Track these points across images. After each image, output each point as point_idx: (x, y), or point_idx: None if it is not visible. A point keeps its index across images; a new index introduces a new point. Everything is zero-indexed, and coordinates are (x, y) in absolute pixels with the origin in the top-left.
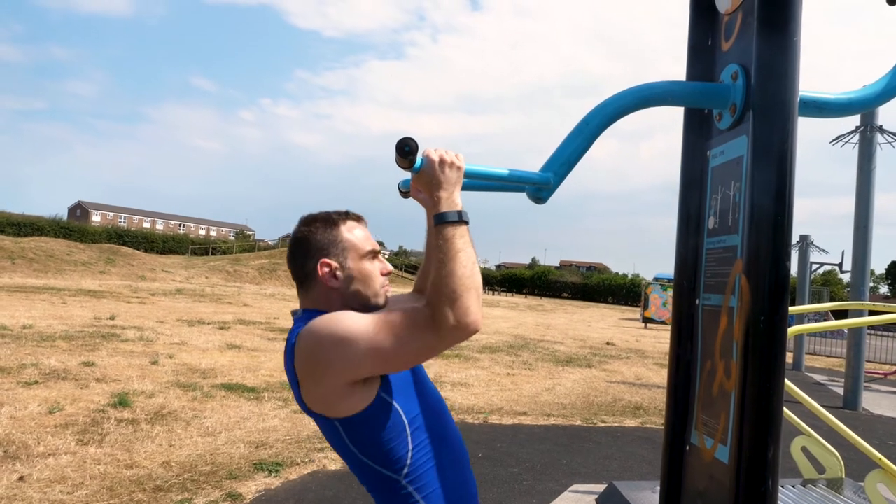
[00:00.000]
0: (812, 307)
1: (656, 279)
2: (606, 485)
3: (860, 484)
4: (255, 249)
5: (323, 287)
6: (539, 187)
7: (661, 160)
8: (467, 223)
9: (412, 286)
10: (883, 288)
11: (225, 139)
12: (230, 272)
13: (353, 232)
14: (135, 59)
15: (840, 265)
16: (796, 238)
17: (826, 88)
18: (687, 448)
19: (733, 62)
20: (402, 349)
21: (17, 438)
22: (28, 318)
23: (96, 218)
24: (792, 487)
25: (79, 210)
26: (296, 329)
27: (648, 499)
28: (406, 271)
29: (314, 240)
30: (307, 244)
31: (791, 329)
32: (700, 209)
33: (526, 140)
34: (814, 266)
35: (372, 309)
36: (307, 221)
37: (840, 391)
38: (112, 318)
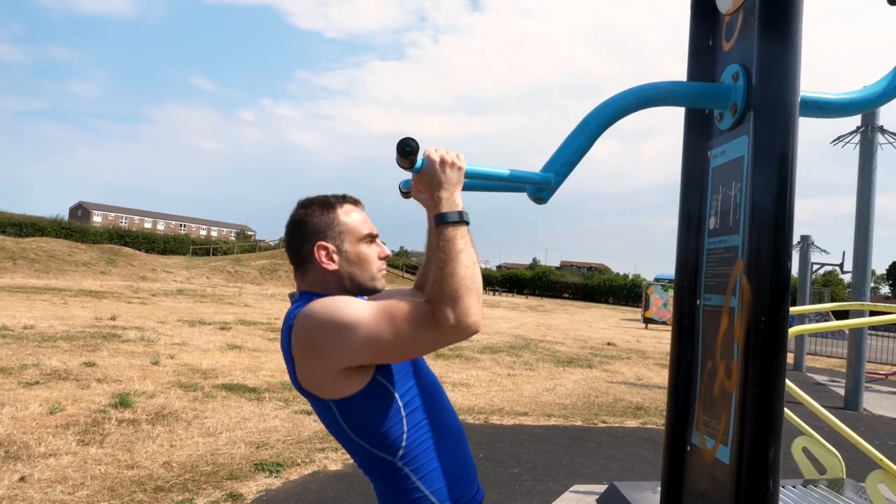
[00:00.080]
0: (813, 307)
1: (657, 279)
2: (607, 485)
3: (861, 484)
4: (256, 250)
5: (320, 270)
6: (540, 187)
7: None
8: (468, 223)
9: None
10: (884, 288)
11: (226, 139)
12: (231, 272)
13: (351, 215)
14: (135, 60)
15: (841, 265)
16: (797, 238)
17: (827, 89)
18: (688, 448)
19: (734, 62)
20: (400, 342)
21: (19, 439)
22: (29, 319)
23: (97, 218)
24: (793, 488)
25: (80, 210)
26: (294, 310)
27: (649, 499)
28: (407, 271)
29: (311, 223)
30: (304, 227)
31: (792, 329)
32: (701, 209)
33: (526, 140)
34: (815, 266)
35: (369, 292)
36: (304, 204)
37: (841, 392)
38: (113, 319)
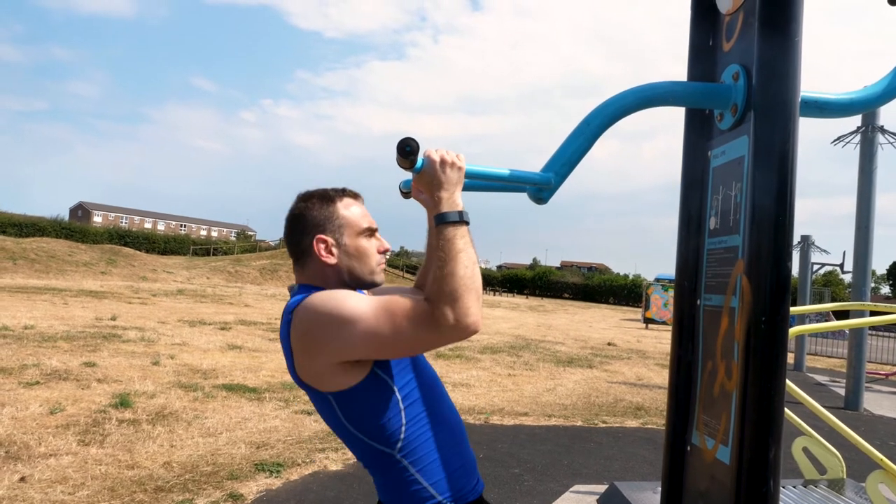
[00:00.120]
0: (813, 308)
1: (657, 280)
2: (608, 485)
3: (861, 484)
4: (257, 250)
5: (319, 263)
6: (540, 188)
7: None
8: (468, 224)
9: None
10: (884, 288)
11: (226, 140)
12: (231, 273)
13: (350, 209)
14: (136, 60)
15: (841, 266)
16: (797, 238)
17: (827, 89)
18: (688, 448)
19: (734, 62)
20: (399, 340)
21: (19, 439)
22: (29, 319)
23: (97, 218)
24: (793, 488)
25: (80, 211)
26: (293, 302)
27: (650, 499)
28: (407, 271)
29: (310, 216)
30: (304, 220)
31: (792, 329)
32: (701, 209)
33: (526, 140)
34: (815, 266)
35: (367, 285)
36: (304, 198)
37: (841, 392)
38: (113, 319)
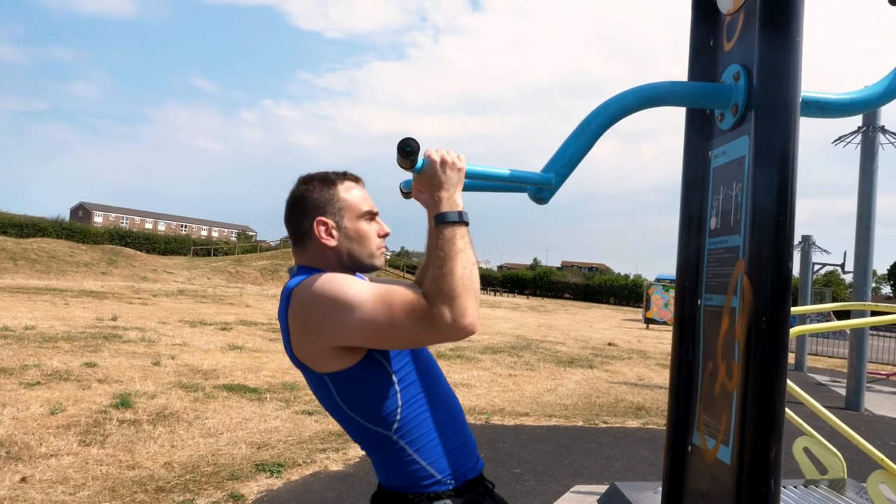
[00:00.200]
0: (814, 308)
1: (658, 280)
2: (608, 485)
3: (862, 485)
4: (257, 250)
5: (318, 245)
6: (541, 188)
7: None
8: (468, 224)
9: None
10: (885, 288)
11: (227, 140)
12: (232, 273)
13: (351, 192)
14: (136, 60)
15: (842, 266)
16: (798, 238)
17: (828, 89)
18: (689, 449)
19: (735, 62)
20: (394, 333)
21: (20, 439)
22: (30, 319)
23: (98, 219)
24: (794, 488)
25: (81, 211)
26: (292, 283)
27: (650, 499)
28: (407, 272)
29: (311, 198)
30: (304, 202)
31: (793, 330)
32: (702, 210)
33: (527, 140)
34: (816, 266)
35: (367, 269)
36: (305, 180)
37: (842, 392)
38: (114, 319)
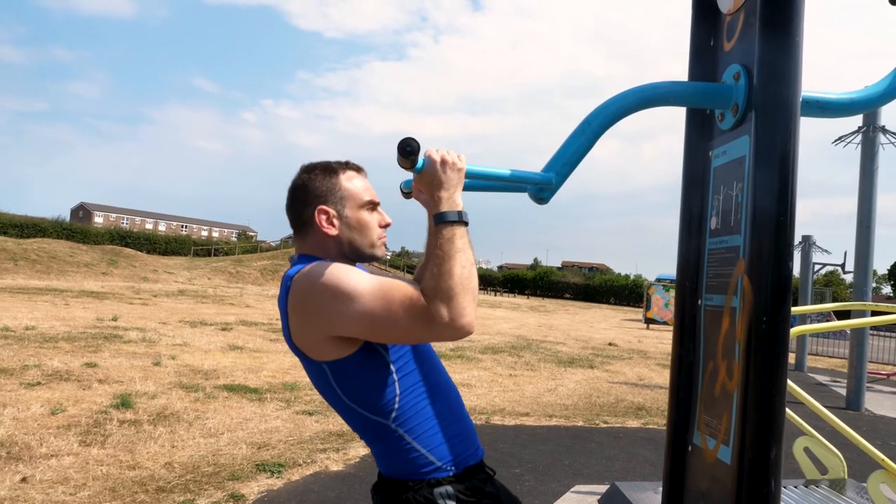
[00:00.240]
0: (815, 308)
1: (658, 280)
2: (609, 485)
3: (863, 485)
4: (258, 250)
5: (320, 234)
6: (541, 188)
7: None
8: (467, 224)
9: None
10: (885, 288)
11: (227, 140)
12: (232, 273)
13: (353, 181)
14: (137, 61)
15: (842, 266)
16: (799, 238)
17: (828, 89)
18: (689, 448)
19: (735, 62)
20: (391, 328)
21: (20, 439)
22: (31, 320)
23: (98, 219)
24: (794, 488)
25: (81, 211)
26: (293, 271)
27: (651, 499)
28: (407, 272)
29: (313, 187)
30: (306, 191)
31: (794, 329)
32: (702, 209)
33: (527, 140)
34: (816, 266)
35: (367, 259)
36: (307, 169)
37: (843, 392)
38: (114, 320)
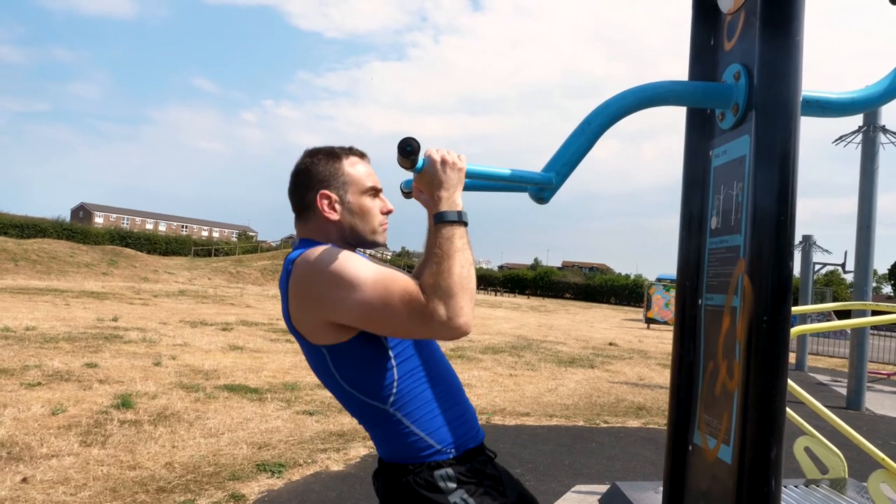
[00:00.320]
0: (815, 307)
1: (659, 279)
2: (609, 485)
3: (863, 484)
4: (258, 251)
5: (321, 218)
6: (541, 187)
7: (664, 160)
8: (466, 224)
9: None
10: (886, 288)
11: (227, 140)
12: (233, 273)
13: (356, 167)
14: (137, 61)
15: (843, 265)
16: (799, 238)
17: (828, 88)
18: (690, 448)
19: (736, 62)
20: (389, 321)
21: (21, 440)
22: (31, 320)
23: (99, 219)
24: (795, 488)
25: (81, 212)
26: (295, 254)
27: (651, 499)
28: (409, 272)
29: (315, 171)
30: (308, 175)
31: (794, 329)
32: (702, 209)
33: (527, 140)
34: (817, 266)
35: (369, 245)
36: (311, 153)
37: (843, 391)
38: (115, 320)
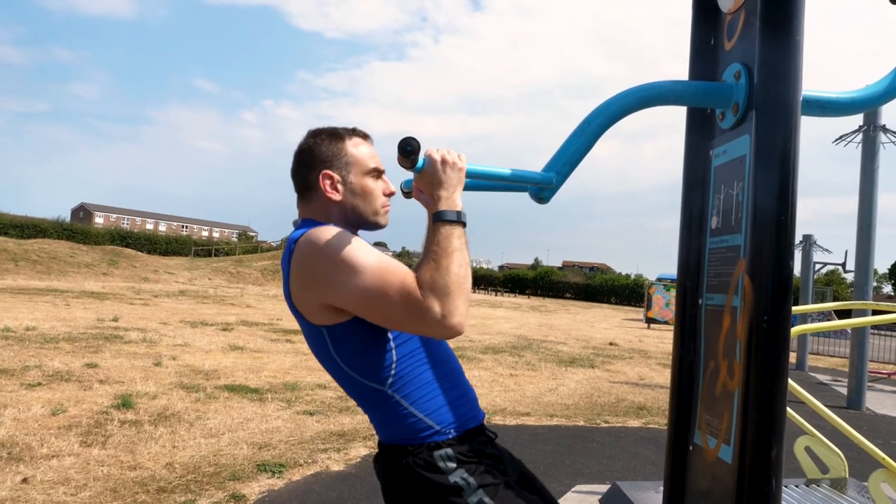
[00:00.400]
0: (815, 307)
1: (659, 279)
2: (610, 485)
3: (864, 484)
4: (258, 251)
5: (324, 199)
6: (541, 187)
7: (664, 160)
8: (465, 225)
9: None
10: (886, 287)
11: (227, 140)
12: (233, 273)
13: (359, 147)
14: (137, 61)
15: (843, 265)
16: (800, 238)
17: (828, 88)
18: (690, 448)
19: (736, 61)
20: (384, 310)
21: (21, 440)
22: (31, 320)
23: (99, 220)
24: (795, 487)
25: (82, 212)
26: (298, 233)
27: (652, 499)
28: None
29: (318, 151)
30: (311, 155)
31: (794, 329)
32: (703, 209)
33: (527, 140)
34: (817, 266)
35: (370, 227)
36: (314, 133)
37: (843, 391)
38: (115, 320)
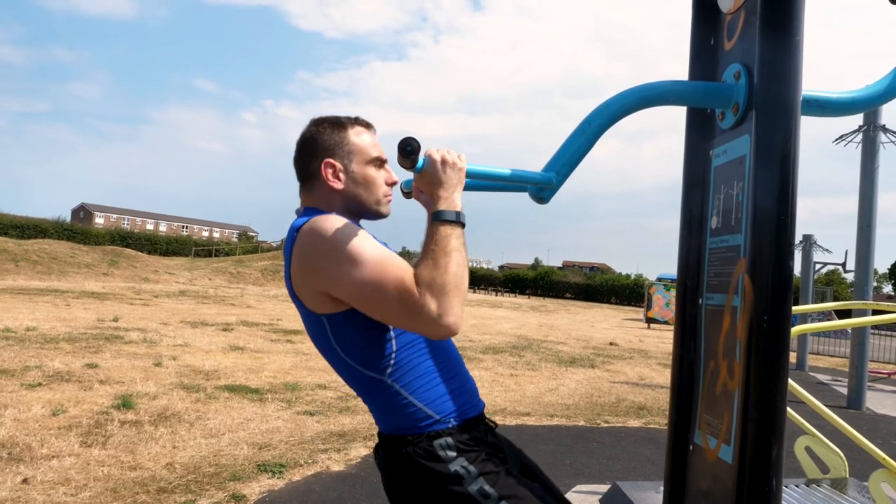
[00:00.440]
0: (815, 307)
1: (659, 279)
2: (610, 485)
3: (864, 483)
4: (259, 251)
5: (326, 187)
6: (541, 187)
7: (664, 160)
8: (464, 226)
9: None
10: (886, 287)
11: (227, 140)
12: (233, 274)
13: (361, 136)
14: (137, 61)
15: (843, 265)
16: (800, 237)
17: (828, 88)
18: (690, 448)
19: (736, 61)
20: (380, 304)
21: (21, 440)
22: (31, 321)
23: (99, 220)
24: (796, 487)
25: (82, 212)
26: (300, 221)
27: (652, 499)
28: None
29: (321, 139)
30: (314, 143)
31: (794, 329)
32: (703, 209)
33: (527, 140)
34: (817, 266)
35: (372, 216)
36: (316, 122)
37: (844, 391)
38: (115, 320)
